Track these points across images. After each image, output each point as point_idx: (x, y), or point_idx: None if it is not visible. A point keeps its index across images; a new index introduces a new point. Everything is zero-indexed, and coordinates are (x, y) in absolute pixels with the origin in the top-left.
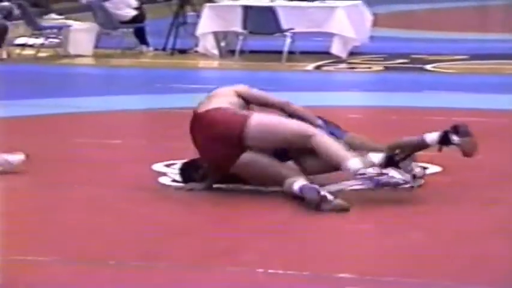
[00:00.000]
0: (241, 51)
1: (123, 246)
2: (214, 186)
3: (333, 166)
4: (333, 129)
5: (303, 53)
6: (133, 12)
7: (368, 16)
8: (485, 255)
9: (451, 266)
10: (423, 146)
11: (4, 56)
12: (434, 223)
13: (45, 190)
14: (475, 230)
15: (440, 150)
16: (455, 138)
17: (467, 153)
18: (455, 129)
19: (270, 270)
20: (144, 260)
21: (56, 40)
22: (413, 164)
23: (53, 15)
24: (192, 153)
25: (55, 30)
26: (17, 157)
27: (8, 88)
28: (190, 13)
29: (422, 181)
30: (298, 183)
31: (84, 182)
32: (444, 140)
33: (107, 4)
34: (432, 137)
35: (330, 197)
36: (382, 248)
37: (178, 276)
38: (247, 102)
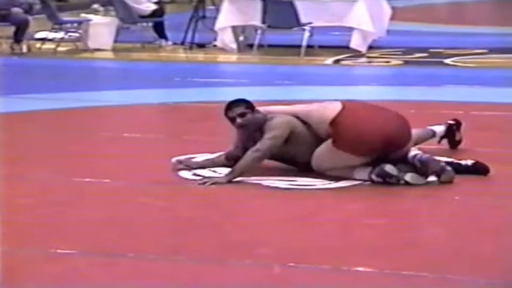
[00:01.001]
0: (260, 46)
1: (142, 239)
2: (233, 180)
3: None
4: None
5: (321, 47)
6: (153, 7)
7: (387, 10)
8: (505, 249)
9: (469, 260)
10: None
11: (24, 50)
12: (451, 217)
13: (63, 183)
14: (494, 224)
15: (439, 142)
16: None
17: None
18: (458, 125)
19: (287, 264)
20: (163, 253)
21: (76, 34)
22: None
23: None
24: (211, 147)
25: (75, 25)
26: None
27: (28, 82)
28: (209, 7)
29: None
30: (416, 154)
31: (103, 176)
32: (448, 134)
33: None
34: (440, 129)
35: (448, 168)
36: (401, 242)
37: (196, 270)
38: None
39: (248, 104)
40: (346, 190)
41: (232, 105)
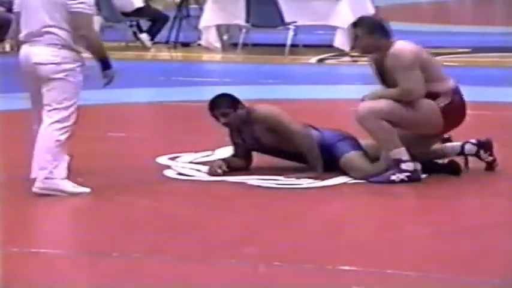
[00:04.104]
0: (244, 45)
1: (127, 239)
2: (218, 179)
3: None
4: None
5: (306, 46)
6: (139, 4)
7: (370, 9)
8: (487, 248)
9: (452, 259)
10: None
11: (7, 49)
12: (437, 216)
13: None
14: (478, 223)
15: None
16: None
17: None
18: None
19: (272, 263)
20: (147, 252)
21: None
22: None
23: None
24: (195, 146)
25: None
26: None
27: (10, 81)
28: (193, 6)
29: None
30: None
31: (88, 175)
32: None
33: None
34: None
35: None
36: (385, 240)
37: (180, 269)
38: None
39: (231, 100)
40: (330, 189)
41: (215, 102)
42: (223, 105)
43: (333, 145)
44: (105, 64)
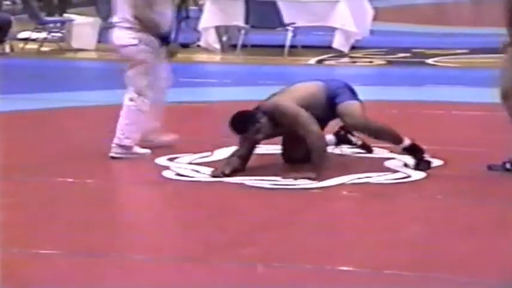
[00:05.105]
0: (243, 46)
1: (125, 239)
2: (217, 179)
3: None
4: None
5: (304, 47)
6: None
7: (369, 10)
8: (486, 248)
9: (451, 259)
10: None
11: (7, 50)
12: (434, 216)
13: (46, 184)
14: (475, 223)
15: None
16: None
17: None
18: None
19: (271, 264)
20: (146, 253)
21: (59, 34)
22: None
23: None
24: (194, 147)
25: (58, 25)
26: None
27: (10, 82)
28: (192, 7)
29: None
30: None
31: (87, 176)
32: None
33: None
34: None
35: None
36: (382, 241)
37: (180, 269)
38: None
39: (248, 117)
40: (328, 190)
41: (238, 129)
42: (248, 128)
43: (336, 92)
44: (163, 40)
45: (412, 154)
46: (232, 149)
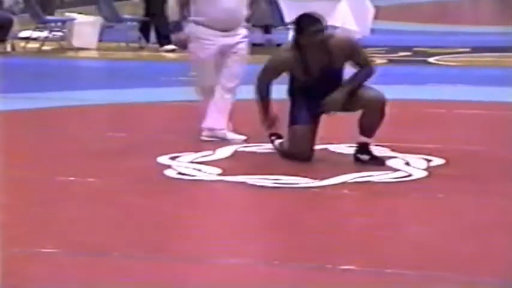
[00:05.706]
0: None
1: (127, 239)
2: (218, 178)
3: None
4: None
5: None
6: None
7: (370, 8)
8: (488, 247)
9: (453, 259)
10: None
11: (9, 49)
12: (436, 215)
13: (48, 182)
14: (477, 222)
15: None
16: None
17: None
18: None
19: (272, 263)
20: (148, 252)
21: (60, 33)
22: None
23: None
24: (195, 146)
25: (59, 24)
26: (238, 137)
27: (12, 81)
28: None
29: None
30: None
31: (88, 175)
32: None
33: None
34: None
35: None
36: (385, 240)
37: (181, 269)
38: None
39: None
40: (330, 188)
41: (319, 16)
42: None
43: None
44: (174, 27)
45: (366, 152)
46: (233, 148)
